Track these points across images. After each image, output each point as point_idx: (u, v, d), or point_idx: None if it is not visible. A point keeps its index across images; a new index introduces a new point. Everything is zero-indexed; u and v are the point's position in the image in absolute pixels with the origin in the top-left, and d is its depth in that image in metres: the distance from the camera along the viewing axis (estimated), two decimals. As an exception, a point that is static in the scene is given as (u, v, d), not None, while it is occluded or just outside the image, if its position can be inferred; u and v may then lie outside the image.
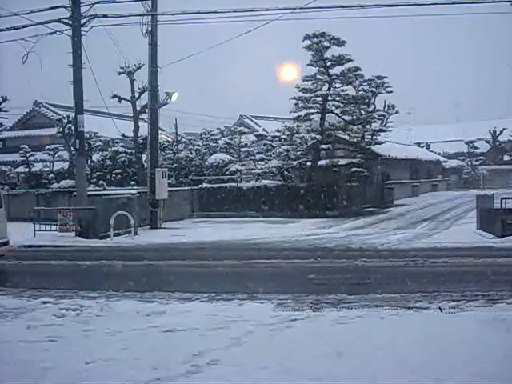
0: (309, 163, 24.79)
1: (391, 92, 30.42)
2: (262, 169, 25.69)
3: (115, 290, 8.68)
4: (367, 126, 26.76)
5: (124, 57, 25.53)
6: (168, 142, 30.14)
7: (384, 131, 28.70)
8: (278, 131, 26.46)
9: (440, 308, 6.99)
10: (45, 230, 16.74)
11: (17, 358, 5.42)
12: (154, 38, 18.52)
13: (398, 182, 32.73)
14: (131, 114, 26.05)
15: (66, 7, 16.03)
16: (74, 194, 17.20)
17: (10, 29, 15.73)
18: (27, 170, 28.82)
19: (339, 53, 23.66)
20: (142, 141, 25.22)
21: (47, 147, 29.22)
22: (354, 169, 25.19)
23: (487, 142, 52.97)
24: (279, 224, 19.34)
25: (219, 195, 24.13)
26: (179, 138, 30.37)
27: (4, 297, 8.29)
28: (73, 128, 19.10)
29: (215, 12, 15.04)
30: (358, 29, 37.15)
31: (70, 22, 16.06)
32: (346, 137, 25.54)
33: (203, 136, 32.44)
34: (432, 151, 51.64)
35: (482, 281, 8.82)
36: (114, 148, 27.28)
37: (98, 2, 16.08)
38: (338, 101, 24.53)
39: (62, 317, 6.98)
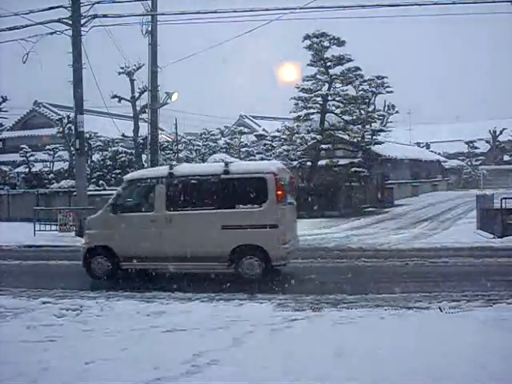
0: (309, 163, 24.77)
1: (391, 92, 30.42)
2: (261, 169, 25.65)
3: (115, 289, 8.68)
4: (367, 126, 26.73)
5: (124, 57, 25.52)
6: (168, 141, 30.15)
7: (384, 131, 28.68)
8: (278, 131, 26.47)
9: (440, 308, 6.99)
10: (45, 230, 16.75)
11: (17, 358, 5.42)
12: (154, 38, 18.49)
13: (398, 182, 32.70)
14: (131, 114, 26.06)
15: (65, 7, 16.03)
16: (74, 193, 17.21)
17: (10, 29, 15.72)
18: (27, 169, 28.82)
19: (339, 53, 23.67)
20: (141, 141, 25.23)
21: (47, 147, 29.24)
22: (353, 169, 25.15)
23: (487, 142, 52.93)
24: (279, 224, 19.29)
25: (219, 195, 24.06)
26: (179, 138, 30.39)
27: (4, 297, 8.30)
28: (73, 128, 19.10)
29: (215, 12, 15.02)
30: (358, 29, 37.09)
31: (70, 22, 16.06)
32: (346, 137, 25.51)
33: (203, 136, 32.47)
34: (432, 151, 51.55)
35: (482, 281, 8.80)
36: (113, 148, 27.28)
37: (98, 2, 16.06)
38: (338, 101, 24.52)
39: (62, 317, 6.98)
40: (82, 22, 16.10)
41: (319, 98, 24.18)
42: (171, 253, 9.31)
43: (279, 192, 9.23)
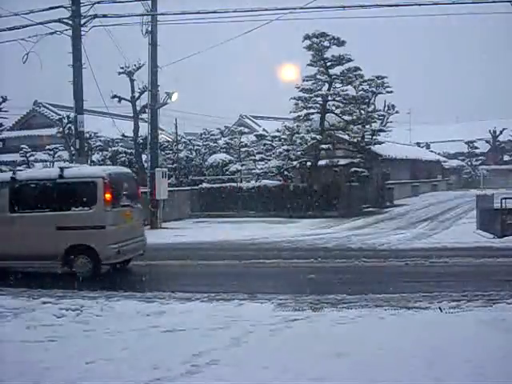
0: (309, 163, 24.77)
1: (391, 92, 30.42)
2: (262, 169, 25.69)
3: (115, 289, 8.69)
4: (367, 126, 26.72)
5: (124, 57, 25.49)
6: (168, 141, 30.11)
7: (384, 131, 28.67)
8: (277, 131, 26.46)
9: (440, 308, 6.99)
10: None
11: (17, 358, 5.42)
12: (154, 38, 18.52)
13: (398, 182, 32.70)
14: (131, 114, 26.02)
15: (66, 7, 16.02)
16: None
17: (10, 29, 15.72)
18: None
19: (339, 53, 23.66)
20: (141, 141, 25.20)
21: (47, 147, 29.23)
22: (353, 169, 25.16)
23: (487, 142, 52.93)
24: (279, 224, 19.33)
25: (219, 195, 24.11)
26: (179, 138, 30.34)
27: (4, 297, 8.30)
28: (73, 128, 19.09)
29: (215, 12, 15.05)
30: (358, 29, 37.11)
31: (70, 22, 16.05)
32: (346, 137, 25.50)
33: (203, 136, 32.42)
34: (432, 151, 51.54)
35: (481, 281, 8.81)
36: (114, 148, 27.26)
37: (98, 2, 16.06)
38: (338, 101, 24.51)
39: (61, 317, 6.99)
40: (82, 22, 16.09)
41: (319, 98, 24.17)
42: (15, 252, 9.95)
43: (108, 195, 9.84)
